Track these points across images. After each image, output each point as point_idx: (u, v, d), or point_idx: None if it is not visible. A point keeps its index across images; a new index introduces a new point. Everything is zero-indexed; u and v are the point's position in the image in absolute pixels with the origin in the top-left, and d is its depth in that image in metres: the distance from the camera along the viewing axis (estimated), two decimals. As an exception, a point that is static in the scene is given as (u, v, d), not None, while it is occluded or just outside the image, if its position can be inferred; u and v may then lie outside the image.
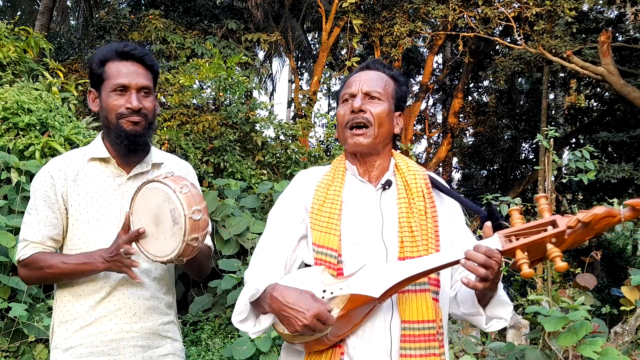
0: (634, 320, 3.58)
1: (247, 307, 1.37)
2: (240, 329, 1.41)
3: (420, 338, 1.36)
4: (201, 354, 3.99)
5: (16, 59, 5.59)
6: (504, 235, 1.26)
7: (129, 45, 1.67)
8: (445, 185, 1.57)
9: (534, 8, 9.58)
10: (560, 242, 1.22)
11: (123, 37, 10.06)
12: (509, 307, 1.43)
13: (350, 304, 1.31)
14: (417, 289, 1.39)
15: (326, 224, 1.45)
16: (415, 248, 1.41)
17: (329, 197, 1.49)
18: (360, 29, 11.20)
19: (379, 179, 1.52)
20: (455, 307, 1.50)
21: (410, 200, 1.48)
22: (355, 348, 1.38)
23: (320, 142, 10.05)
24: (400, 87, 1.57)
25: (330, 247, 1.42)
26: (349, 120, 1.49)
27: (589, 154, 3.44)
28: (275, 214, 1.56)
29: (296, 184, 1.58)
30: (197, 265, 1.73)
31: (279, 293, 1.32)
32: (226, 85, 7.38)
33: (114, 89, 1.62)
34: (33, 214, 1.65)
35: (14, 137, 4.23)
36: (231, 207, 4.91)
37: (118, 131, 1.63)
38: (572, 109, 15.76)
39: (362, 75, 1.54)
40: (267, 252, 1.49)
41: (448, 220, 1.53)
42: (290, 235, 1.50)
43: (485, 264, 1.24)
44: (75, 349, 1.61)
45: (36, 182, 1.67)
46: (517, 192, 13.20)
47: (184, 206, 1.41)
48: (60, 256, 1.62)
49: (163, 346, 1.70)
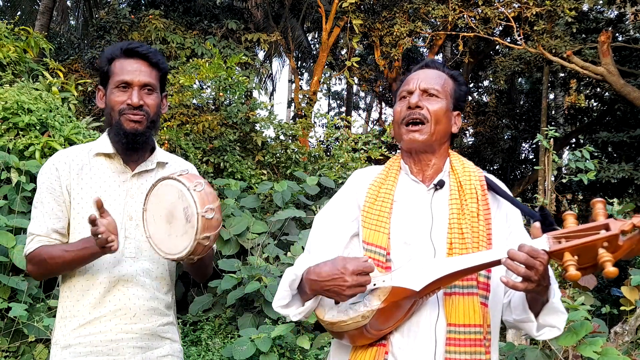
0: (634, 320, 3.58)
1: (288, 294, 1.39)
2: (281, 313, 1.43)
3: (465, 342, 1.34)
4: (201, 354, 3.99)
5: (16, 59, 5.59)
6: (553, 236, 1.21)
7: (135, 43, 1.69)
8: (503, 189, 1.53)
9: (534, 8, 9.58)
10: (614, 248, 1.15)
11: (123, 37, 10.06)
12: (563, 315, 1.38)
13: (391, 296, 1.30)
14: (465, 292, 1.37)
15: (376, 221, 1.45)
16: (465, 249, 1.38)
17: (381, 195, 1.49)
18: (360, 29, 11.20)
19: (433, 179, 1.50)
20: (508, 314, 1.46)
21: (462, 201, 1.45)
22: (400, 348, 1.38)
23: (320, 142, 10.05)
24: (460, 86, 1.56)
25: (379, 245, 1.42)
26: (405, 116, 1.47)
27: (589, 154, 3.45)
28: (327, 211, 1.56)
29: (351, 182, 1.58)
30: (202, 266, 1.73)
31: (313, 273, 1.32)
32: (226, 85, 7.38)
33: (117, 85, 1.64)
34: (39, 207, 1.65)
35: (14, 137, 4.23)
36: (231, 207, 4.91)
37: (118, 129, 1.64)
38: (572, 109, 15.77)
39: (420, 73, 1.53)
40: (317, 249, 1.49)
41: (504, 224, 1.49)
42: (341, 232, 1.50)
43: (527, 263, 1.19)
44: (74, 347, 1.61)
45: (42, 174, 1.68)
46: (517, 192, 13.20)
47: (197, 204, 1.41)
48: (62, 246, 1.62)
49: (162, 347, 1.70)
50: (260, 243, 4.74)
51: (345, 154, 7.54)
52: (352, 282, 1.26)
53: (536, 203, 5.46)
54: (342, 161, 7.42)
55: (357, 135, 8.27)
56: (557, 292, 1.38)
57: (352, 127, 11.95)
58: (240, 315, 4.35)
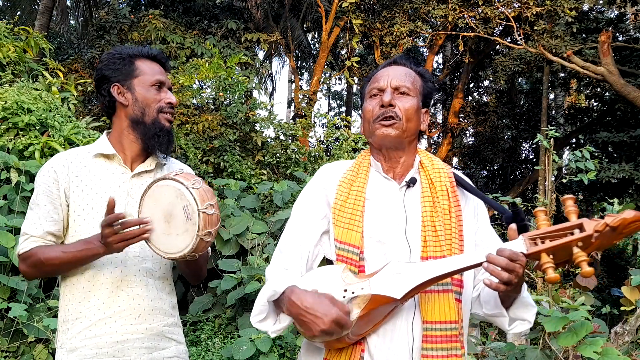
0: (634, 320, 3.58)
1: (265, 308, 1.37)
2: (259, 328, 1.41)
3: (442, 339, 1.34)
4: (201, 354, 3.99)
5: (16, 59, 5.59)
6: (529, 237, 1.23)
7: (151, 49, 1.75)
8: (471, 184, 1.54)
9: (534, 8, 9.59)
10: (586, 245, 1.19)
11: (123, 37, 10.06)
12: (533, 309, 1.40)
13: (371, 304, 1.29)
14: (440, 289, 1.37)
15: (349, 220, 1.43)
16: (439, 248, 1.39)
17: (352, 193, 1.47)
18: (360, 29, 11.20)
19: (404, 176, 1.50)
20: (478, 308, 1.48)
21: (434, 198, 1.45)
22: (376, 347, 1.37)
23: (320, 142, 10.04)
24: (427, 83, 1.55)
25: (352, 244, 1.41)
26: (379, 115, 1.47)
27: (589, 154, 3.44)
28: (297, 209, 1.54)
29: (319, 178, 1.56)
30: (198, 267, 1.73)
31: (296, 297, 1.29)
32: (226, 85, 7.38)
33: (153, 84, 1.68)
34: (35, 208, 1.65)
35: (14, 137, 4.23)
36: (231, 207, 4.91)
37: (153, 125, 1.67)
38: (572, 109, 15.77)
39: (389, 70, 1.52)
40: (289, 248, 1.48)
41: (472, 220, 1.50)
42: (312, 231, 1.49)
43: (508, 268, 1.21)
44: (80, 350, 1.60)
45: (39, 177, 1.68)
46: (517, 192, 13.20)
47: (198, 201, 1.43)
48: (59, 247, 1.62)
49: (168, 348, 1.70)
50: (260, 243, 4.73)
51: (345, 154, 7.54)
52: (327, 328, 1.24)
53: (536, 203, 5.46)
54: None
55: (357, 135, 8.26)
56: (525, 286, 1.39)
57: (352, 127, 11.96)
58: (240, 315, 4.35)
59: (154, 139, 1.67)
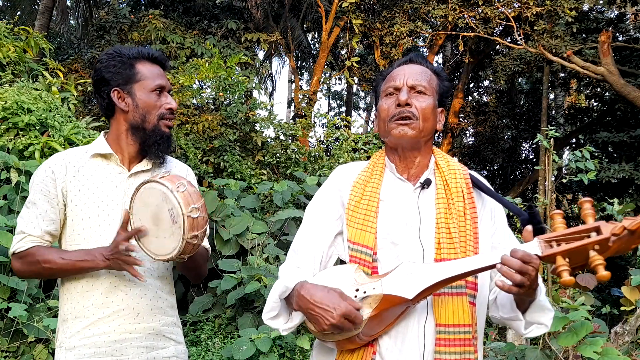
0: (634, 320, 3.58)
1: (277, 305, 1.37)
2: (271, 326, 1.40)
3: (455, 342, 1.32)
4: (201, 354, 3.99)
5: (16, 59, 5.58)
6: (544, 240, 1.21)
7: (151, 49, 1.72)
8: (488, 186, 1.51)
9: (534, 8, 9.59)
10: (603, 249, 1.16)
11: (123, 37, 10.05)
12: (550, 312, 1.37)
13: (383, 304, 1.29)
14: (454, 292, 1.35)
15: (362, 221, 1.42)
16: (453, 250, 1.37)
17: (366, 194, 1.46)
18: (360, 29, 11.20)
19: (418, 177, 1.48)
20: (495, 311, 1.45)
21: (449, 200, 1.43)
22: (387, 349, 1.36)
23: (320, 142, 10.05)
24: (443, 82, 1.53)
25: (365, 245, 1.39)
26: (395, 114, 1.44)
27: (589, 154, 3.44)
28: (312, 209, 1.53)
29: (334, 178, 1.55)
30: (195, 267, 1.73)
31: (306, 291, 1.30)
32: (226, 85, 7.38)
33: (154, 89, 1.66)
34: (32, 208, 1.64)
35: (14, 137, 4.23)
36: (231, 207, 4.90)
37: (154, 132, 1.66)
38: (572, 109, 15.77)
39: (405, 68, 1.50)
40: (303, 248, 1.47)
41: (489, 222, 1.48)
42: (326, 231, 1.48)
43: (521, 270, 1.19)
44: (78, 349, 1.60)
45: (36, 176, 1.67)
46: (517, 192, 13.21)
47: (182, 205, 1.42)
48: (59, 251, 1.61)
49: (167, 348, 1.70)
50: (260, 243, 4.73)
51: (345, 154, 7.54)
52: (336, 322, 1.24)
53: (536, 203, 5.46)
54: (342, 161, 7.41)
55: (357, 135, 8.26)
56: (543, 289, 1.37)
57: (352, 127, 11.95)
58: (240, 316, 4.35)
59: (154, 146, 1.67)
